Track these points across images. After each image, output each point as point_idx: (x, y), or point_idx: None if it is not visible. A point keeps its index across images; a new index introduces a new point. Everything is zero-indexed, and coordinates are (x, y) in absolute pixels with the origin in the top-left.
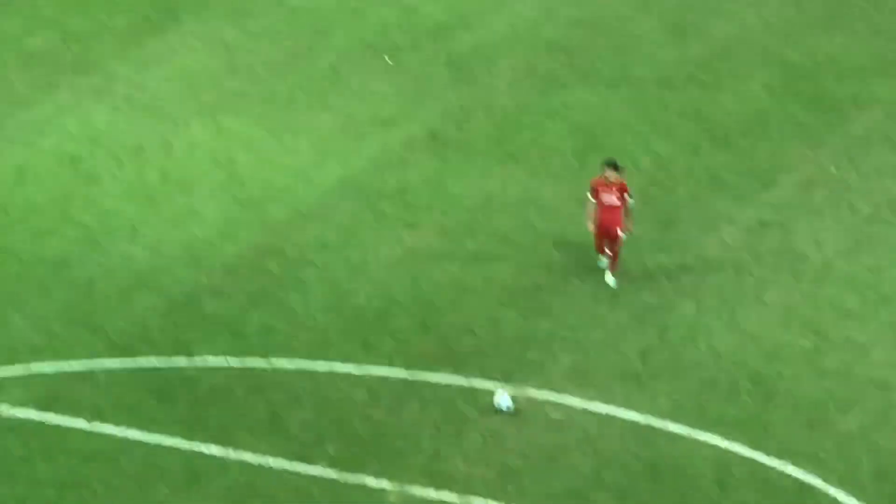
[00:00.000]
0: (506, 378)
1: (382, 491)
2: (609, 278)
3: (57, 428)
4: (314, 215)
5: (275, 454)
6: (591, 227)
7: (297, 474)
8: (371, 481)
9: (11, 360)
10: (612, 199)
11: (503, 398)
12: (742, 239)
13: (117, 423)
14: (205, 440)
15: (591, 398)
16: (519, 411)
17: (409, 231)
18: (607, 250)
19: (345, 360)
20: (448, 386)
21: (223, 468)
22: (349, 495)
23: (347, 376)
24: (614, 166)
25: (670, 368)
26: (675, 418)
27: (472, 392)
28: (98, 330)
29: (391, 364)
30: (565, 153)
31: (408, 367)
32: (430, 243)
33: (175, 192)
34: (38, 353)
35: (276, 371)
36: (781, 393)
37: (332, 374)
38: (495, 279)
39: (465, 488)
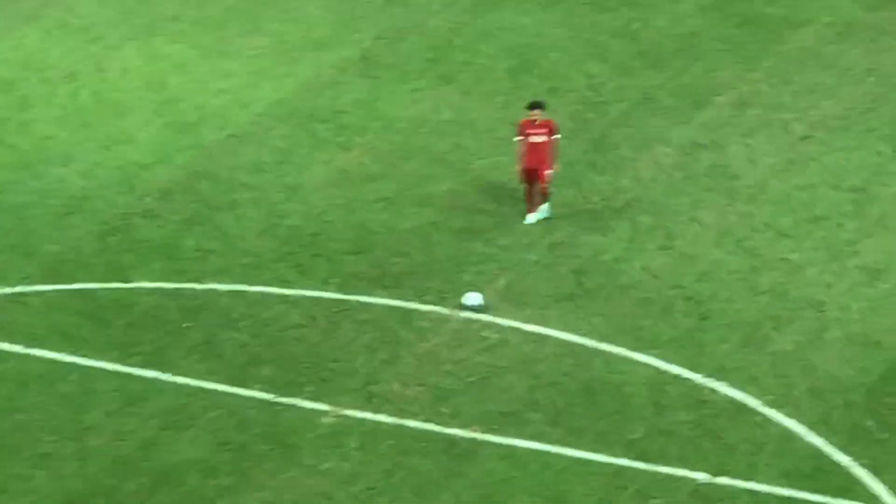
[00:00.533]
0: (440, 300)
1: (318, 412)
2: (530, 217)
3: None
4: (248, 138)
5: (210, 377)
6: (518, 169)
7: (233, 396)
8: (307, 403)
9: None
10: (540, 138)
11: (472, 297)
12: (676, 159)
13: (52, 347)
14: (140, 364)
15: (527, 319)
16: (456, 331)
17: (343, 153)
18: (533, 193)
19: (279, 282)
20: (383, 307)
21: (159, 391)
22: (285, 417)
23: (282, 298)
24: (539, 106)
25: (605, 289)
26: (610, 339)
27: (406, 314)
28: (32, 254)
29: (326, 286)
30: (499, 74)
31: (342, 289)
32: (364, 165)
33: (109, 115)
34: None
35: (210, 294)
36: (716, 313)
37: (266, 297)
38: (429, 201)
39: (400, 410)
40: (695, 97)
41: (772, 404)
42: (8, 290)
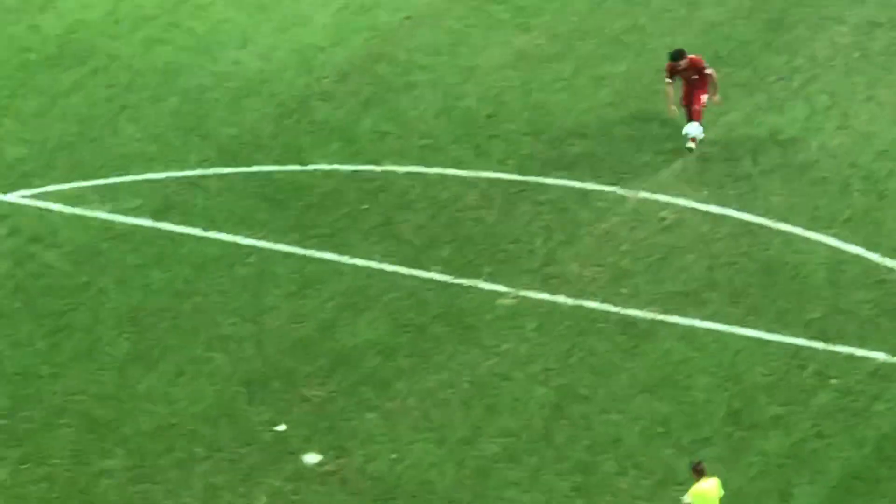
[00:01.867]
0: (618, 180)
1: (496, 294)
2: (688, 128)
3: (171, 235)
4: (424, 20)
5: (388, 259)
6: (672, 110)
7: (411, 278)
8: (485, 285)
9: (125, 169)
10: (690, 77)
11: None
12: (852, 39)
13: (230, 230)
14: (318, 246)
15: (704, 199)
16: (634, 211)
17: (520, 34)
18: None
19: (456, 164)
20: (560, 188)
21: (337, 273)
22: (463, 299)
23: (460, 180)
24: (678, 56)
25: (782, 169)
26: (788, 219)
27: (584, 194)
28: (210, 137)
29: (503, 167)
30: None
31: (519, 170)
32: (541, 46)
33: None
34: (150, 162)
35: (388, 176)
36: (894, 192)
37: (443, 178)
38: (607, 82)
39: (578, 291)
40: None
41: None
42: (186, 172)
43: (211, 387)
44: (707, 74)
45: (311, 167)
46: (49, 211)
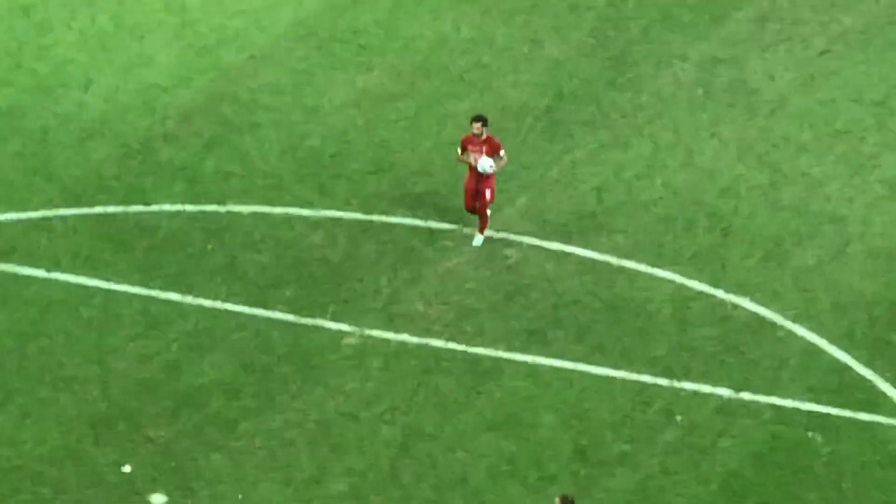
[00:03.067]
0: (462, 219)
1: (341, 333)
2: (476, 240)
3: (15, 277)
4: (267, 59)
5: (233, 299)
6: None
7: (256, 318)
8: (330, 324)
9: None
10: (479, 155)
11: (482, 164)
12: (696, 75)
13: (75, 271)
14: (162, 287)
15: (549, 237)
16: (476, 250)
17: (363, 73)
18: (478, 213)
19: (301, 203)
20: (404, 227)
21: (182, 314)
22: (308, 338)
23: (304, 219)
24: (481, 120)
25: (626, 206)
26: (633, 256)
27: (428, 233)
28: (54, 179)
29: (347, 207)
30: None
31: (364, 209)
32: (385, 85)
33: (128, 39)
34: None
35: (232, 216)
36: (738, 228)
37: (288, 218)
38: (451, 120)
39: (423, 330)
40: (713, 12)
41: (795, 319)
42: (30, 214)
43: (57, 428)
44: (500, 159)
45: (155, 207)
46: None
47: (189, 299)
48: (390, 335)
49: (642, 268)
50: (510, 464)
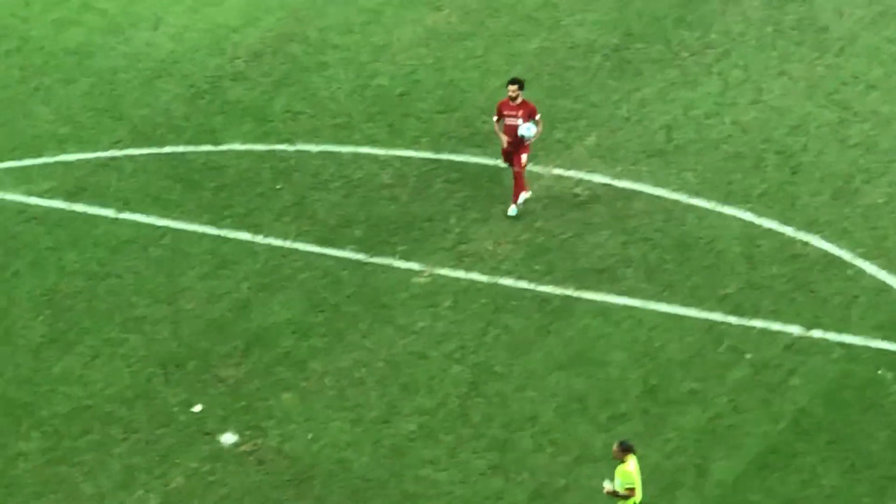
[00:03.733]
0: (532, 157)
1: (411, 272)
2: (511, 209)
3: (84, 217)
4: None
5: (302, 238)
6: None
7: (326, 257)
8: (399, 263)
9: (38, 151)
10: (516, 120)
11: (528, 126)
12: (765, 13)
13: (144, 211)
14: (232, 226)
15: (618, 176)
16: (548, 188)
17: (432, 12)
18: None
19: (370, 143)
20: (473, 166)
21: (251, 253)
22: (377, 277)
23: (373, 159)
24: (517, 83)
25: (696, 144)
26: (702, 194)
27: (497, 171)
28: (123, 118)
29: (416, 146)
30: None
31: (433, 148)
32: (453, 24)
33: None
34: (64, 144)
35: (301, 155)
36: (807, 166)
37: (357, 157)
38: (518, 58)
39: (493, 268)
40: None
41: (864, 256)
42: (99, 154)
43: (127, 368)
44: (536, 123)
45: (224, 147)
46: None
47: (258, 239)
48: (460, 274)
49: (711, 206)
50: (580, 402)
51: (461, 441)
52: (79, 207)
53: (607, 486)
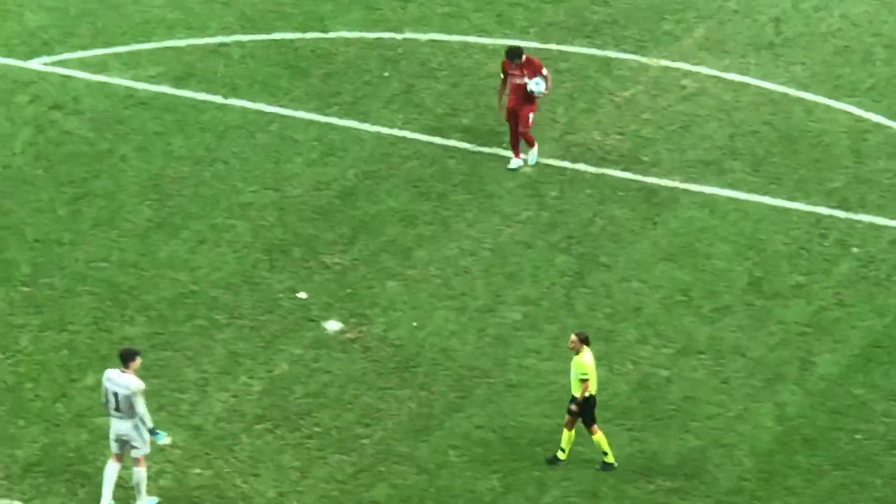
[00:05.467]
0: (639, 48)
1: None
2: (512, 162)
3: (192, 103)
4: None
5: (409, 126)
6: (499, 109)
7: (433, 145)
8: (506, 152)
9: (147, 36)
10: (520, 79)
11: (537, 82)
12: None
13: (252, 97)
14: (339, 114)
15: (726, 68)
16: (655, 80)
17: None
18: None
19: (478, 31)
20: (582, 56)
21: (358, 141)
22: (485, 166)
23: (481, 47)
24: (513, 54)
25: (805, 37)
26: (810, 87)
27: (605, 62)
28: (231, 4)
29: (524, 35)
30: None
31: (541, 38)
32: None
33: None
34: (173, 29)
35: (410, 43)
36: None
37: (465, 46)
38: None
39: (600, 159)
40: None
41: None
42: (208, 40)
43: (232, 254)
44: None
45: (332, 35)
46: (71, 78)
47: (366, 126)
48: (566, 164)
49: (819, 99)
50: (685, 294)
51: (565, 331)
52: (186, 93)
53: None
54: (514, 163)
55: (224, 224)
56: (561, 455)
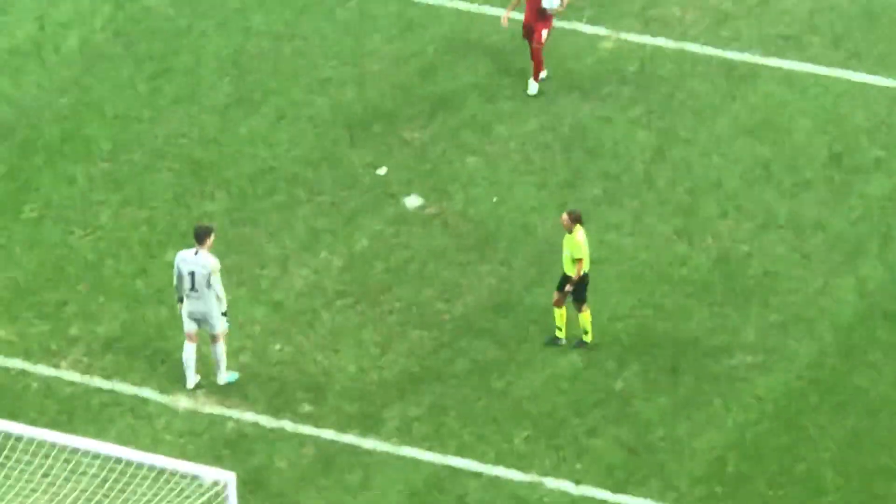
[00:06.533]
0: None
1: (597, 37)
2: (532, 87)
3: None
4: None
5: (490, 2)
6: (503, 19)
7: (512, 20)
8: (586, 28)
9: None
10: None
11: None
12: None
13: None
14: None
15: None
16: None
17: None
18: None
19: None
20: None
21: (437, 16)
22: (564, 42)
23: None
24: None
25: None
26: None
27: None
28: None
29: None
30: None
31: None
32: None
33: None
34: None
35: None
36: None
37: None
38: None
39: (680, 34)
40: None
41: None
42: None
43: (312, 130)
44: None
45: None
46: None
47: (445, 2)
48: (646, 39)
49: None
50: (765, 168)
51: (646, 206)
52: None
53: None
54: (533, 87)
55: (304, 100)
56: (559, 334)
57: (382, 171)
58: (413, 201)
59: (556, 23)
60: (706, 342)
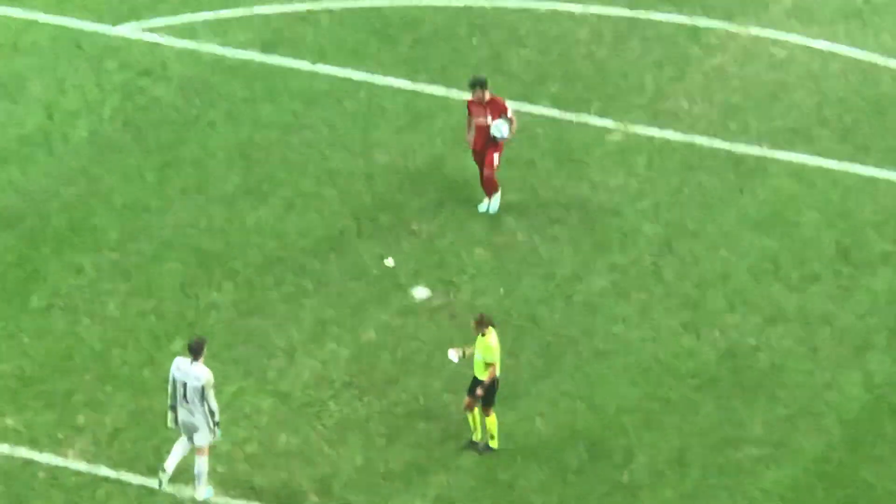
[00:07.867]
0: (728, 16)
1: (605, 129)
2: (482, 205)
3: (280, 69)
4: None
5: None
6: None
7: (520, 113)
8: (594, 120)
9: (235, 3)
10: (484, 120)
11: (498, 126)
12: None
13: (340, 63)
14: (427, 80)
15: (814, 36)
16: (744, 48)
17: None
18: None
19: None
20: (670, 24)
21: (446, 107)
22: (573, 133)
23: (569, 15)
24: (474, 82)
25: (894, 5)
26: None
27: (694, 30)
28: None
29: (613, 3)
30: None
31: (629, 5)
32: None
33: None
34: None
35: (498, 11)
36: None
37: (554, 13)
38: None
39: (688, 127)
40: None
41: None
42: (296, 6)
43: (320, 220)
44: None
45: (421, 1)
46: (159, 44)
47: (454, 93)
48: (654, 132)
49: None
50: (772, 262)
51: (653, 299)
52: (274, 59)
53: (453, 354)
54: (482, 206)
55: (312, 191)
56: (475, 437)
57: (390, 262)
58: (420, 293)
59: (563, 114)
60: (713, 435)
